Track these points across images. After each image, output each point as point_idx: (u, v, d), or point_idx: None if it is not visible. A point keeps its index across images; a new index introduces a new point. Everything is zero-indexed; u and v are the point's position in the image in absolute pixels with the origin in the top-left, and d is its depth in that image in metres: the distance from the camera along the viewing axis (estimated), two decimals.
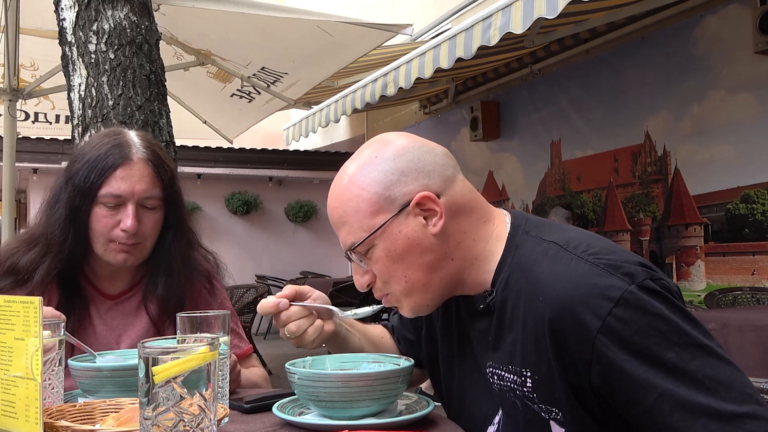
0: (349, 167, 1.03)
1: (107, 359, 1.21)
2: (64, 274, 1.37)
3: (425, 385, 5.01)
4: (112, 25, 2.49)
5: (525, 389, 0.96)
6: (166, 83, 2.66)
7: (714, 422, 0.82)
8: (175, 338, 1.00)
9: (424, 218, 0.98)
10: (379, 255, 0.99)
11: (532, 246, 0.99)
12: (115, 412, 0.96)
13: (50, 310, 1.17)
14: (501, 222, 1.05)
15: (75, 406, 0.98)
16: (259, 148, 9.18)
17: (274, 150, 9.35)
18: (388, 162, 0.99)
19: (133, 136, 1.41)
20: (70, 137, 2.63)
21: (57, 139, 7.37)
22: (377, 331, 1.34)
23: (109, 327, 1.41)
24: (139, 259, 1.39)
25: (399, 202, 0.98)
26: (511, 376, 0.98)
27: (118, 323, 1.42)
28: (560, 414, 0.92)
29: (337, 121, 5.19)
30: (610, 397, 0.89)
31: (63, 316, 1.16)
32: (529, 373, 0.95)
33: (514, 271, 0.99)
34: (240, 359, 1.48)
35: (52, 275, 1.35)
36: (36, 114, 5.53)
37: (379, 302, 1.11)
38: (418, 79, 4.06)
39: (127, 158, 1.34)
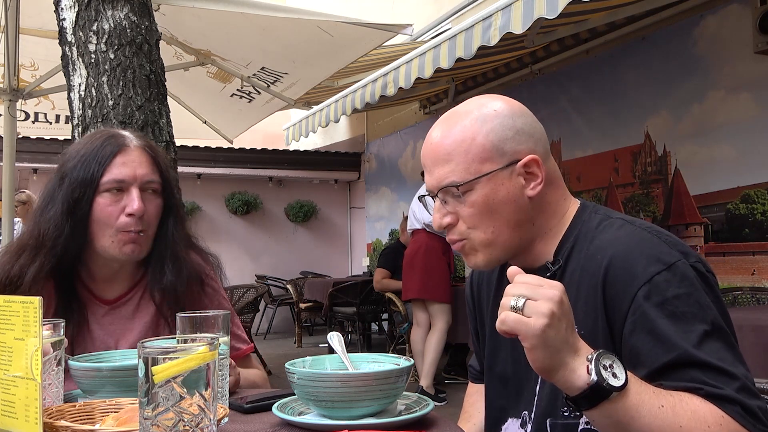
0: (466, 112, 1.06)
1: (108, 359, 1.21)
2: (60, 278, 1.35)
3: (426, 384, 5.00)
4: (112, 25, 2.49)
5: None
6: (166, 83, 2.66)
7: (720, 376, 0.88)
8: (175, 338, 1.00)
9: (525, 180, 1.04)
10: (476, 200, 1.03)
11: (598, 221, 1.06)
12: (115, 412, 0.96)
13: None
14: (574, 204, 1.11)
15: (75, 406, 0.98)
16: (259, 148, 9.17)
17: (274, 150, 9.34)
18: (507, 118, 1.04)
19: (122, 131, 1.44)
20: (70, 137, 2.63)
21: (57, 139, 7.36)
22: (471, 400, 1.36)
23: (106, 331, 1.40)
24: (145, 250, 1.38)
25: (508, 158, 1.03)
26: None
27: (116, 328, 1.41)
28: None
29: (337, 121, 5.18)
30: (633, 353, 0.93)
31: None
32: (577, 329, 0.99)
33: (578, 241, 1.05)
34: (239, 359, 1.48)
35: (45, 272, 1.32)
36: (36, 114, 5.53)
37: None
38: (418, 79, 4.05)
39: (124, 145, 1.36)
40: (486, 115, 1.04)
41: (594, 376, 0.84)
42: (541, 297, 0.84)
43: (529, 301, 0.84)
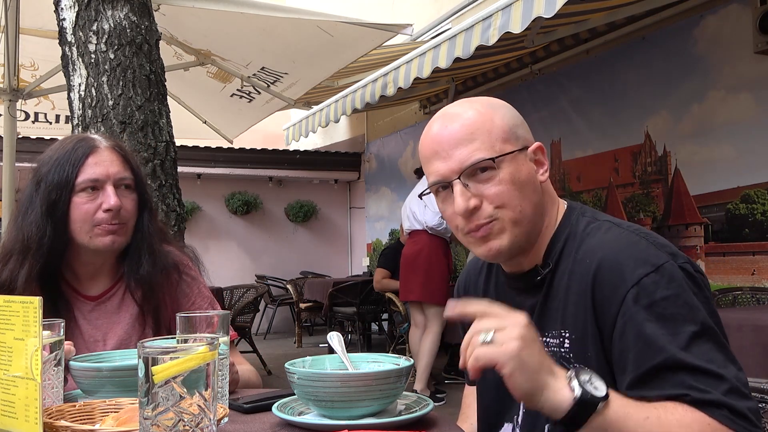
0: (470, 102, 1.07)
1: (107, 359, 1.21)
2: (45, 277, 1.38)
3: (420, 387, 4.97)
4: (112, 25, 2.49)
5: (562, 350, 1.01)
6: (166, 83, 2.66)
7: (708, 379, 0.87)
8: (174, 338, 1.00)
9: (535, 166, 1.06)
10: (503, 178, 1.01)
11: (586, 223, 1.06)
12: (115, 412, 0.96)
13: None
14: (561, 204, 1.12)
15: (75, 406, 0.98)
16: (259, 148, 9.17)
17: (274, 150, 9.34)
18: (511, 109, 1.08)
19: (92, 133, 1.52)
20: None
21: (57, 139, 7.36)
22: (467, 401, 1.35)
23: (94, 326, 1.44)
24: (125, 241, 1.44)
25: (521, 142, 1.05)
26: (552, 340, 1.03)
27: (102, 322, 1.45)
28: None
29: (337, 121, 5.18)
30: (622, 356, 0.93)
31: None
32: (567, 334, 1.00)
33: (567, 244, 1.05)
34: None
35: (34, 274, 1.36)
36: (36, 114, 5.53)
37: None
38: (417, 79, 4.05)
39: (95, 146, 1.42)
40: (492, 104, 1.07)
41: (578, 390, 0.84)
42: (508, 324, 0.86)
43: (497, 332, 0.86)
